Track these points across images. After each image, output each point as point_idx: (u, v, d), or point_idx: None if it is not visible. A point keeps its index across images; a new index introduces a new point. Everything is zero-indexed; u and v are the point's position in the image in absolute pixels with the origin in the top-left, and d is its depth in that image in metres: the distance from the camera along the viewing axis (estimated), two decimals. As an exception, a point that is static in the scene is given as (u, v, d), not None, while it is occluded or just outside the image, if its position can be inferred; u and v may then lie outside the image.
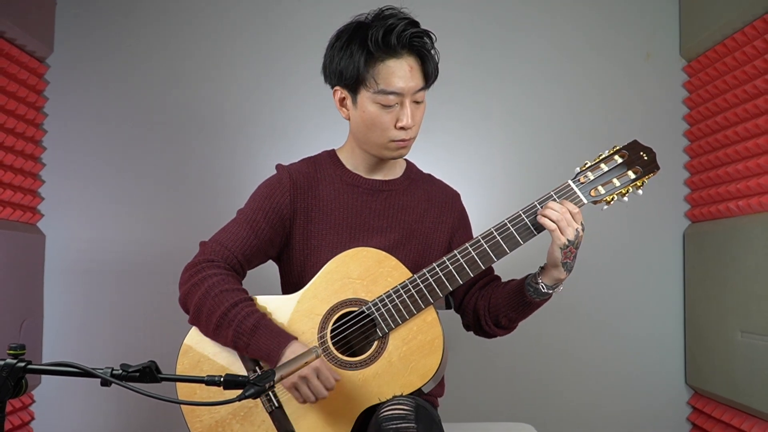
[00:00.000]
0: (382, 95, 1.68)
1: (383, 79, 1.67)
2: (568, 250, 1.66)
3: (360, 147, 1.81)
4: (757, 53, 2.50)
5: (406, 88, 1.68)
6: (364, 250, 1.73)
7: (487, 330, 1.85)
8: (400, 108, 1.70)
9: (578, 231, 1.66)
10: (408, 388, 1.66)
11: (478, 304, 1.85)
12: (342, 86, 1.74)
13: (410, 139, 1.75)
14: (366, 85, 1.68)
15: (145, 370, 1.28)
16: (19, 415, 2.72)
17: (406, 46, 1.68)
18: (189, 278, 1.71)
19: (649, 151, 1.73)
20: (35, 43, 2.77)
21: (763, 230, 2.39)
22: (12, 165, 2.69)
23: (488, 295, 1.84)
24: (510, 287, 1.79)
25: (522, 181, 2.98)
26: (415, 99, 1.71)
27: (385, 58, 1.67)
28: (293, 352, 1.60)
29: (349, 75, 1.69)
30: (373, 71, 1.67)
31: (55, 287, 2.89)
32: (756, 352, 2.42)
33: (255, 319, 1.64)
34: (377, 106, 1.69)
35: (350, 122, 1.79)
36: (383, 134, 1.72)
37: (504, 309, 1.79)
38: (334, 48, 1.73)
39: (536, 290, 1.73)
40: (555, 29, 3.03)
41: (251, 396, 1.28)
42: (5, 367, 1.23)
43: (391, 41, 1.66)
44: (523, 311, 1.78)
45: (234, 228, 1.77)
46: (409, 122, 1.70)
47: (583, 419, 2.95)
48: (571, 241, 1.65)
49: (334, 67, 1.72)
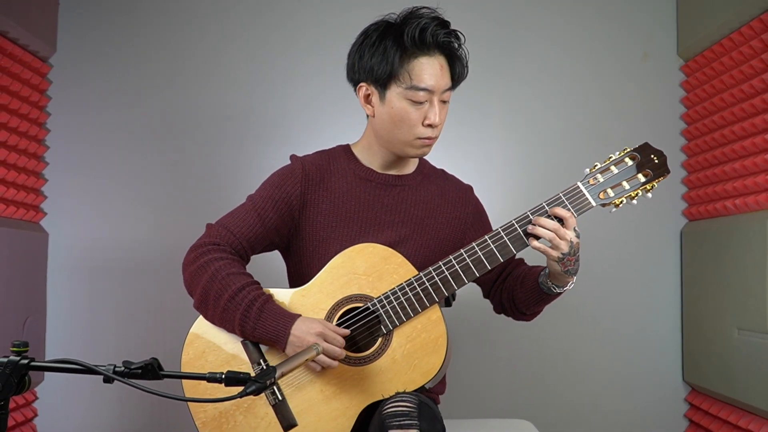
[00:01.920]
0: (413, 91, 1.70)
1: (416, 75, 1.69)
2: (566, 260, 1.67)
3: (381, 144, 1.82)
4: (754, 53, 2.51)
5: (436, 86, 1.70)
6: (371, 246, 1.74)
7: (515, 318, 1.93)
8: (428, 106, 1.72)
9: (572, 241, 1.65)
10: (411, 386, 1.67)
11: (503, 296, 1.91)
12: (371, 82, 1.75)
13: (435, 138, 1.77)
14: (399, 80, 1.70)
15: (147, 367, 1.29)
16: (22, 412, 2.72)
17: (439, 46, 1.71)
18: (194, 260, 1.73)
19: (660, 154, 1.72)
20: (38, 42, 2.78)
21: (760, 228, 2.40)
22: (15, 164, 2.70)
23: (510, 288, 1.88)
24: (528, 285, 1.82)
25: (520, 180, 2.98)
26: (443, 98, 1.74)
27: (419, 54, 1.69)
28: (298, 328, 1.62)
29: (382, 70, 1.70)
30: (407, 66, 1.69)
31: (58, 285, 2.90)
32: (753, 349, 2.43)
33: (261, 303, 1.66)
34: (407, 102, 1.71)
35: (374, 119, 1.79)
36: (410, 131, 1.73)
37: (525, 303, 1.84)
38: (364, 45, 1.74)
39: (549, 289, 1.76)
40: (552, 29, 3.03)
41: (253, 393, 1.30)
42: (9, 364, 1.24)
43: (426, 38, 1.69)
44: (544, 303, 1.83)
45: (242, 214, 1.79)
46: (437, 120, 1.72)
47: (581, 416, 2.96)
48: (566, 253, 1.66)
49: (364, 63, 1.74)
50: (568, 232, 1.65)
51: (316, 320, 1.65)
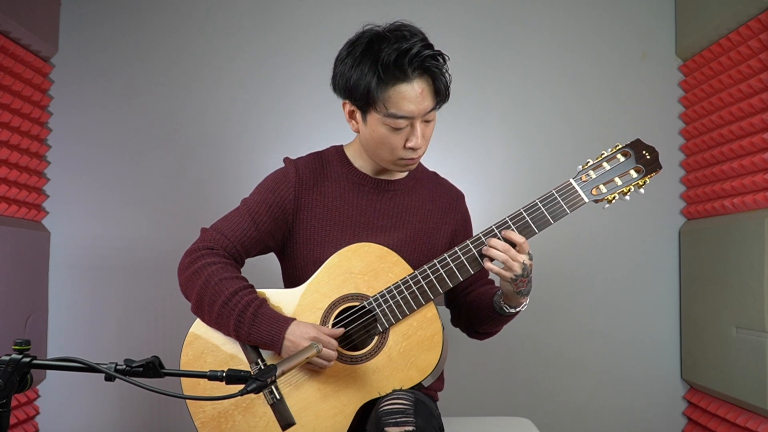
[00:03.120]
0: (392, 119, 1.66)
1: (394, 103, 1.64)
2: (519, 281, 1.67)
3: (369, 156, 1.82)
4: (751, 53, 2.52)
5: (416, 111, 1.66)
6: (366, 245, 1.75)
7: (468, 335, 1.96)
8: (410, 129, 1.69)
9: (525, 264, 1.66)
10: (408, 383, 1.68)
11: (461, 310, 1.93)
12: (353, 102, 1.71)
13: (418, 157, 1.75)
14: (376, 108, 1.66)
15: (148, 365, 1.30)
16: (24, 410, 2.74)
17: (418, 69, 1.63)
18: (189, 264, 1.73)
19: (651, 150, 1.72)
20: (40, 42, 2.79)
21: (758, 227, 2.40)
22: (17, 163, 2.71)
23: (469, 305, 1.89)
24: (483, 303, 1.83)
25: (518, 178, 2.99)
26: (426, 119, 1.70)
27: (395, 82, 1.63)
28: (292, 333, 1.63)
29: (360, 95, 1.66)
30: (383, 95, 1.64)
31: (60, 283, 2.91)
32: (750, 347, 2.44)
33: (254, 307, 1.66)
34: (387, 128, 1.68)
35: (359, 135, 1.79)
36: (392, 153, 1.72)
37: (478, 321, 1.86)
38: (345, 63, 1.69)
39: (502, 309, 1.77)
40: (551, 29, 3.04)
41: (253, 391, 1.31)
42: (11, 362, 1.25)
43: (403, 65, 1.61)
44: (496, 323, 1.83)
45: (236, 218, 1.79)
46: (419, 143, 1.69)
47: (580, 413, 2.97)
48: (519, 274, 1.66)
49: (344, 83, 1.69)
50: (520, 255, 1.66)
51: (309, 324, 1.66)
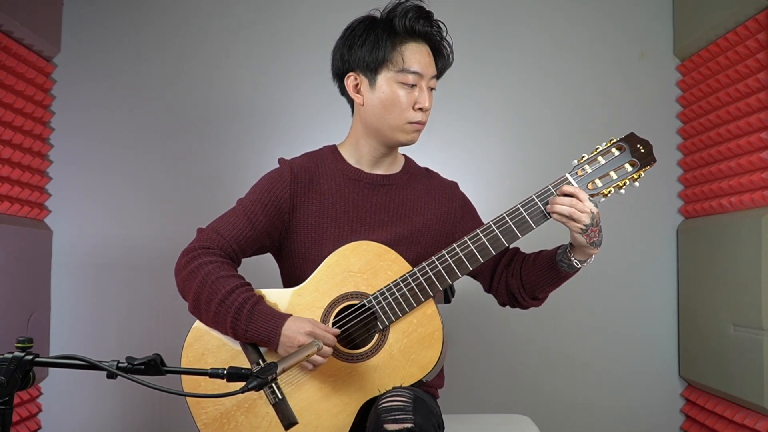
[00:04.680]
0: (403, 74, 1.76)
1: (407, 58, 1.76)
2: (590, 231, 1.68)
3: (370, 135, 1.84)
4: (749, 53, 2.53)
5: (425, 71, 1.78)
6: (365, 243, 1.76)
7: (524, 304, 1.91)
8: (418, 90, 1.78)
9: (592, 212, 1.67)
10: (408, 380, 1.68)
11: (510, 282, 1.89)
12: (360, 71, 1.80)
13: (424, 123, 1.81)
14: (391, 63, 1.76)
15: (150, 363, 1.30)
16: (26, 407, 2.75)
17: (424, 36, 1.79)
18: (185, 265, 1.74)
19: (645, 143, 1.73)
20: (42, 42, 2.80)
21: (755, 226, 2.41)
22: (20, 162, 2.72)
23: (517, 272, 1.87)
24: (542, 264, 1.82)
25: (516, 177, 3.00)
26: (430, 85, 1.81)
27: (409, 40, 1.78)
28: (288, 328, 1.63)
29: (372, 57, 1.77)
30: (399, 49, 1.76)
31: (62, 282, 2.92)
32: (748, 345, 2.45)
33: (251, 305, 1.67)
34: (397, 86, 1.77)
35: (363, 108, 1.82)
36: (401, 115, 1.78)
37: (541, 284, 1.83)
38: (352, 36, 1.81)
39: (570, 265, 1.77)
40: (550, 28, 3.04)
41: (254, 388, 1.31)
42: (13, 359, 1.26)
43: (415, 27, 1.77)
44: (558, 283, 1.83)
45: (232, 218, 1.80)
46: (427, 104, 1.78)
47: (578, 410, 2.98)
48: (588, 224, 1.67)
49: (353, 53, 1.79)
50: (586, 204, 1.67)
51: (306, 319, 1.66)
